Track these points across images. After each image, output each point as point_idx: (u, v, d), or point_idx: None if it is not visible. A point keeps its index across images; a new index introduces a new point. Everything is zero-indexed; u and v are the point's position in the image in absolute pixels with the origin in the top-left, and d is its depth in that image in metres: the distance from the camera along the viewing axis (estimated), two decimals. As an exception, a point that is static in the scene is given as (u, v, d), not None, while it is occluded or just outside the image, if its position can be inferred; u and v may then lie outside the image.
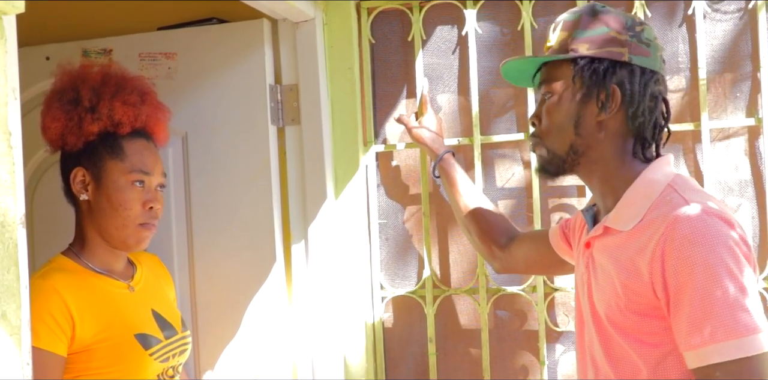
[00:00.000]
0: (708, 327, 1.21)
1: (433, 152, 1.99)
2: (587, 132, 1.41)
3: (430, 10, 2.25)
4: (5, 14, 1.04)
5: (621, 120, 1.40)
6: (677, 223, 1.26)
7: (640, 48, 1.40)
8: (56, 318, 1.55)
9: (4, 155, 1.03)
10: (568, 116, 1.42)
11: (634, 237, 1.34)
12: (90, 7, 2.41)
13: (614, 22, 1.41)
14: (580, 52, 1.40)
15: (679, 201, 1.30)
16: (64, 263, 1.70)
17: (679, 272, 1.24)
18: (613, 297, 1.35)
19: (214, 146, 2.24)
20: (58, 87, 1.74)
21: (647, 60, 1.40)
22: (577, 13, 1.44)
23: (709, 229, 1.25)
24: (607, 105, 1.39)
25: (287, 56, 2.26)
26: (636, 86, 1.39)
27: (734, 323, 1.20)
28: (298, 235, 2.26)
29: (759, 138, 2.03)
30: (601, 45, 1.39)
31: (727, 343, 1.20)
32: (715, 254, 1.23)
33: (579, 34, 1.42)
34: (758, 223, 2.04)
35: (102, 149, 1.71)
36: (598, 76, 1.39)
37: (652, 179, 1.38)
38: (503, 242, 1.84)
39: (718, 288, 1.21)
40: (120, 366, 1.62)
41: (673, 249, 1.25)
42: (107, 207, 1.70)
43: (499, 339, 2.22)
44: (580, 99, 1.41)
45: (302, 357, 2.25)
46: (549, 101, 1.44)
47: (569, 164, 1.44)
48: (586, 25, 1.42)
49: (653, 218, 1.32)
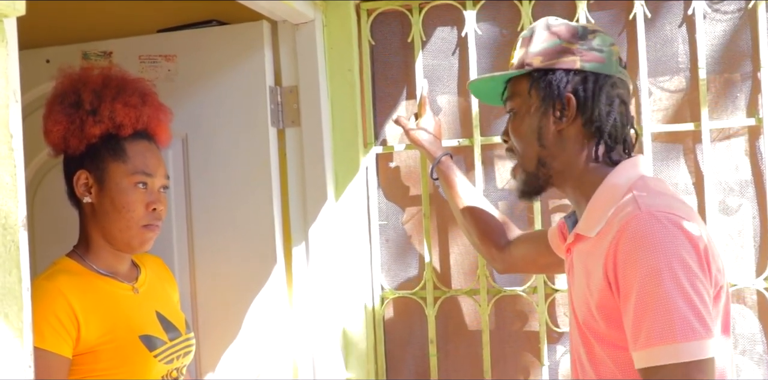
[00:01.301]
0: (644, 331, 1.22)
1: (431, 154, 1.99)
2: (549, 142, 1.44)
3: (430, 12, 2.25)
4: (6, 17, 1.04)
5: (579, 126, 1.43)
6: (627, 227, 1.27)
7: (592, 54, 1.43)
8: (61, 320, 1.55)
9: (6, 157, 1.03)
10: (530, 129, 1.46)
11: (598, 243, 1.35)
12: (90, 10, 2.41)
13: (566, 33, 1.45)
14: (534, 65, 1.45)
15: (633, 206, 1.31)
16: (69, 265, 1.70)
17: (626, 275, 1.25)
18: (586, 303, 1.37)
19: (215, 147, 2.24)
20: (60, 90, 1.75)
21: (601, 66, 1.43)
22: (532, 29, 1.49)
23: (657, 233, 1.24)
24: (563, 113, 1.42)
25: (287, 58, 2.26)
26: (589, 92, 1.42)
27: (669, 328, 1.20)
28: (298, 236, 2.26)
29: (759, 138, 2.03)
30: (553, 57, 1.44)
31: (661, 348, 1.20)
32: (660, 258, 1.22)
33: (533, 49, 1.46)
34: (759, 223, 2.04)
35: (104, 152, 1.72)
36: (552, 87, 1.43)
37: (615, 184, 1.39)
38: (503, 244, 1.85)
39: (658, 293, 1.21)
40: (125, 367, 1.63)
41: (622, 252, 1.26)
42: (110, 209, 1.70)
43: (500, 340, 2.22)
44: (538, 111, 1.45)
45: (303, 358, 2.25)
46: (512, 117, 1.50)
47: (543, 179, 1.47)
48: (540, 39, 1.46)
49: (611, 223, 1.33)
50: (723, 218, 2.06)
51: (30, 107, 2.15)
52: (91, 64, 2.27)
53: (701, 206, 2.05)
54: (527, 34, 1.50)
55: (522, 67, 1.47)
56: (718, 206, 2.06)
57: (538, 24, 1.49)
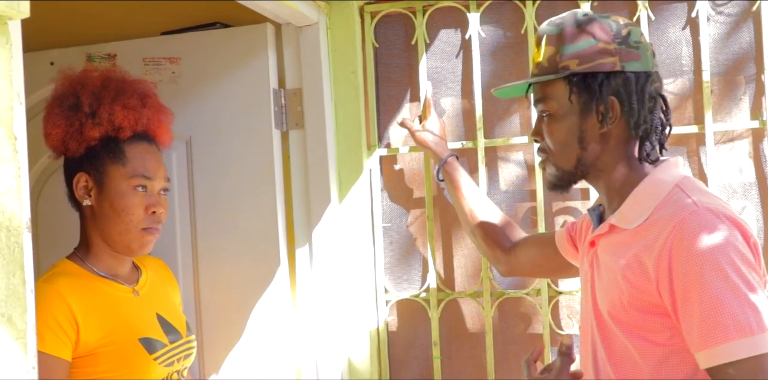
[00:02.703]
0: (720, 326, 1.21)
1: (437, 155, 1.99)
2: (592, 145, 1.41)
3: (434, 14, 2.25)
4: (10, 19, 1.04)
5: (623, 128, 1.41)
6: (686, 223, 1.27)
7: (631, 53, 1.39)
8: (60, 323, 1.55)
9: (10, 159, 1.03)
10: (570, 133, 1.42)
11: (639, 235, 1.34)
12: (94, 13, 2.42)
13: (600, 31, 1.39)
14: (571, 69, 1.39)
15: (687, 202, 1.31)
16: (69, 267, 1.69)
17: (687, 272, 1.24)
18: (617, 295, 1.35)
19: (218, 150, 2.24)
20: (59, 93, 1.74)
21: (639, 63, 1.39)
22: (560, 26, 1.42)
23: (717, 229, 1.25)
24: (607, 117, 1.39)
25: (291, 60, 2.26)
26: (632, 94, 1.39)
27: (746, 321, 1.20)
28: (302, 239, 2.26)
29: (763, 140, 2.03)
30: (591, 58, 1.38)
31: (739, 341, 1.20)
32: (723, 253, 1.23)
33: (566, 50, 1.40)
34: (762, 225, 2.04)
35: (104, 154, 1.71)
36: (593, 92, 1.39)
37: (660, 179, 1.38)
38: (508, 246, 1.84)
39: (727, 287, 1.22)
40: (124, 370, 1.62)
41: (682, 249, 1.26)
42: (110, 212, 1.69)
43: (503, 343, 2.22)
44: (579, 115, 1.41)
45: (307, 360, 2.25)
46: (547, 119, 1.45)
47: (579, 176, 1.45)
48: (572, 38, 1.40)
49: (660, 218, 1.32)
50: (727, 221, 2.06)
51: (34, 109, 2.14)
52: (95, 67, 2.28)
53: (705, 209, 2.05)
54: (554, 31, 1.43)
55: (555, 68, 1.41)
56: (722, 209, 2.05)
57: (565, 20, 1.43)
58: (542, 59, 1.45)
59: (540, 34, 1.46)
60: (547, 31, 1.44)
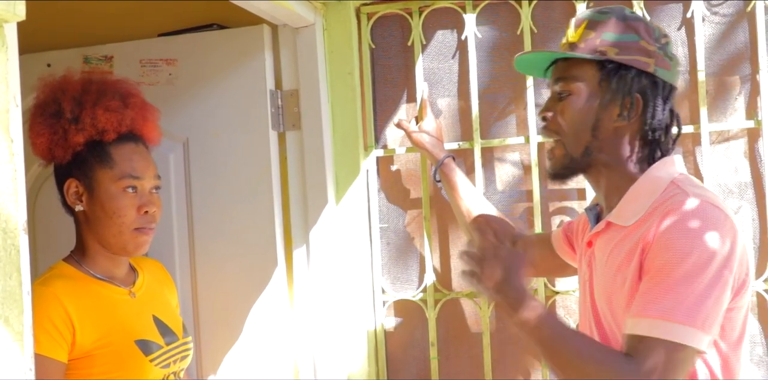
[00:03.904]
0: (658, 302, 1.23)
1: (434, 156, 1.99)
2: (604, 136, 1.41)
3: (430, 15, 2.26)
4: (6, 22, 1.04)
5: (638, 128, 1.41)
6: (679, 206, 1.28)
7: (665, 61, 1.41)
8: (56, 325, 1.55)
9: (6, 162, 1.04)
10: (587, 118, 1.41)
11: (634, 231, 1.35)
12: (91, 14, 2.42)
13: (644, 31, 1.40)
14: (609, 55, 1.39)
15: (682, 194, 1.32)
16: (65, 269, 1.69)
17: (669, 246, 1.25)
18: (616, 292, 1.36)
19: (215, 151, 2.24)
20: (40, 100, 1.72)
21: (669, 74, 1.41)
22: (607, 15, 1.42)
23: (710, 216, 1.26)
24: (630, 113, 1.39)
25: (288, 62, 2.26)
26: (657, 99, 1.40)
27: (694, 309, 1.21)
28: (299, 240, 2.26)
29: (759, 140, 2.04)
30: (630, 52, 1.39)
31: (662, 322, 1.22)
32: (710, 240, 1.24)
33: (608, 37, 1.40)
34: (758, 225, 2.04)
35: (91, 159, 1.70)
36: (624, 84, 1.39)
37: (656, 176, 1.39)
38: None
39: (699, 274, 1.23)
40: (120, 372, 1.62)
41: (667, 226, 1.27)
42: (102, 216, 1.69)
43: (500, 343, 2.22)
44: (603, 103, 1.40)
45: (304, 361, 2.25)
46: (567, 99, 1.43)
47: (582, 166, 1.45)
48: (616, 28, 1.40)
49: (653, 212, 1.33)
50: (723, 221, 2.06)
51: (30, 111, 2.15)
52: (91, 69, 2.28)
53: (701, 209, 2.05)
54: (598, 17, 1.42)
55: (593, 51, 1.41)
56: (718, 209, 2.06)
57: (613, 11, 1.42)
58: (578, 40, 1.43)
59: (581, 17, 1.45)
60: (590, 17, 1.44)
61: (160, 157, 2.03)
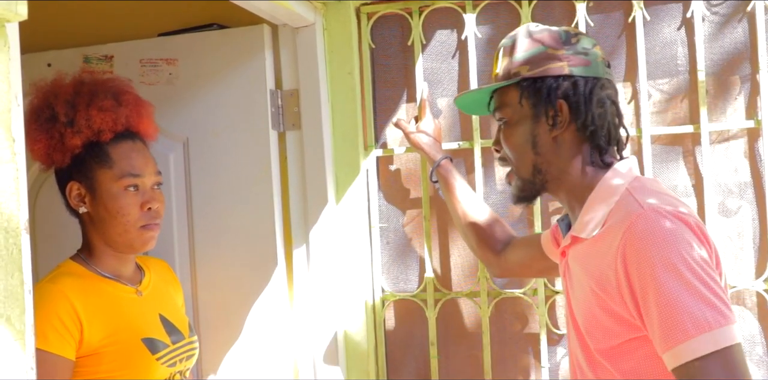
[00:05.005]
0: (678, 325, 1.21)
1: (431, 157, 2.00)
2: (545, 149, 1.45)
3: (430, 15, 2.26)
4: (8, 21, 1.04)
5: (573, 132, 1.44)
6: (633, 227, 1.28)
7: (579, 58, 1.44)
8: (64, 322, 1.56)
9: (8, 161, 1.04)
10: (524, 139, 1.46)
11: (597, 244, 1.36)
12: (91, 14, 2.42)
13: (549, 39, 1.45)
14: (522, 74, 1.45)
15: (635, 205, 1.32)
16: (73, 267, 1.70)
17: (642, 275, 1.25)
18: (589, 306, 1.37)
19: (215, 151, 2.24)
20: (34, 106, 1.72)
21: (587, 69, 1.44)
22: (513, 38, 1.49)
23: (664, 228, 1.26)
24: (557, 120, 1.42)
25: (288, 61, 2.26)
26: (580, 97, 1.42)
27: (703, 317, 1.20)
28: (299, 239, 2.26)
29: (758, 140, 2.04)
30: (540, 64, 1.44)
31: (699, 338, 1.19)
32: (673, 252, 1.23)
33: (518, 57, 1.46)
34: (758, 225, 2.04)
35: (90, 160, 1.70)
36: (542, 95, 1.43)
37: (611, 186, 1.40)
38: (498, 248, 1.86)
39: (681, 285, 1.22)
40: (127, 370, 1.63)
41: (633, 252, 1.27)
42: (106, 216, 1.70)
43: (500, 342, 2.22)
44: (531, 119, 1.45)
45: (304, 360, 2.25)
46: (505, 127, 1.49)
47: (539, 185, 1.48)
48: (523, 46, 1.47)
49: (612, 225, 1.34)
50: (722, 220, 2.07)
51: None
52: (91, 68, 2.28)
53: (701, 208, 2.05)
54: (508, 43, 1.50)
55: (509, 77, 1.47)
56: (717, 208, 2.06)
57: (518, 32, 1.50)
58: (499, 70, 1.51)
59: (498, 48, 1.52)
60: (502, 45, 1.52)
61: (160, 156, 2.03)
